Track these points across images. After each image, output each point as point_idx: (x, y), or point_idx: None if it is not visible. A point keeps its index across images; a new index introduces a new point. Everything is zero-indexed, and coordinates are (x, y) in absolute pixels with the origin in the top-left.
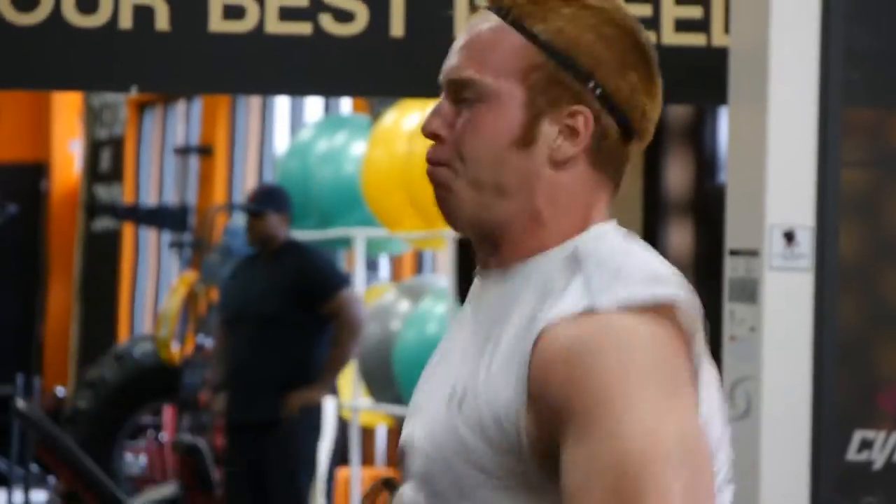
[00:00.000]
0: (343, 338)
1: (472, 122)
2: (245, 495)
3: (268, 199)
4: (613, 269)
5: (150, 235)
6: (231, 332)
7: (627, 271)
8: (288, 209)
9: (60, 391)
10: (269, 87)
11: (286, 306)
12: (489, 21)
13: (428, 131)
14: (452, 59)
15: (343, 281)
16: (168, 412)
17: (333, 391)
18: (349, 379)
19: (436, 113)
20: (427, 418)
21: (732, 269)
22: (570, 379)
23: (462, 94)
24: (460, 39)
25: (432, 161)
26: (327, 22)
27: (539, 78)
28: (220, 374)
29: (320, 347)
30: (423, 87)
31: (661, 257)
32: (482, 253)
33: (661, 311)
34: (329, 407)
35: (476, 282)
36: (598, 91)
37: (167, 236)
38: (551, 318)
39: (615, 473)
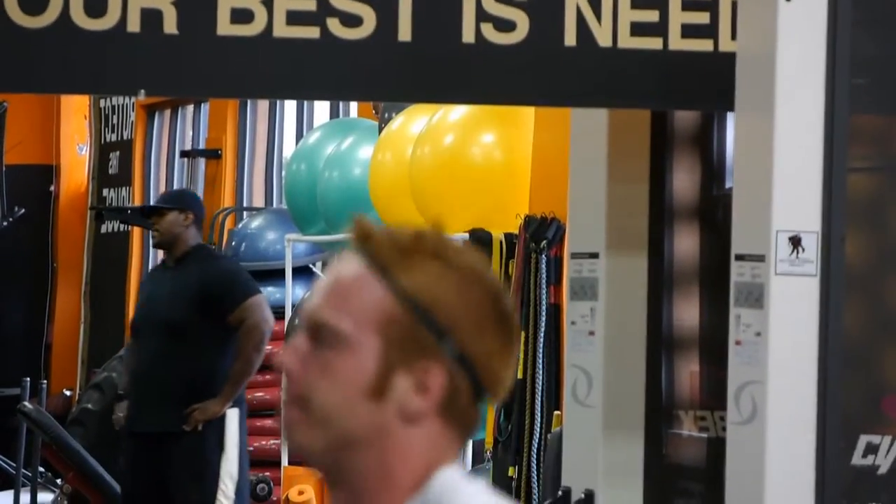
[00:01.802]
0: (245, 348)
1: (325, 365)
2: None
3: (172, 198)
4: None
5: None
6: (138, 339)
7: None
8: (196, 212)
9: (68, 393)
10: (276, 91)
11: (191, 314)
12: (354, 266)
13: (281, 366)
14: (314, 299)
15: (251, 289)
16: None
17: (238, 402)
18: None
19: (292, 348)
20: None
21: (739, 273)
22: None
23: (318, 334)
24: (325, 278)
25: (288, 397)
26: (335, 26)
27: (396, 331)
28: (125, 382)
29: (228, 358)
30: (430, 91)
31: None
32: (334, 495)
33: None
34: (233, 419)
35: None
36: (453, 351)
37: None
38: None
39: None
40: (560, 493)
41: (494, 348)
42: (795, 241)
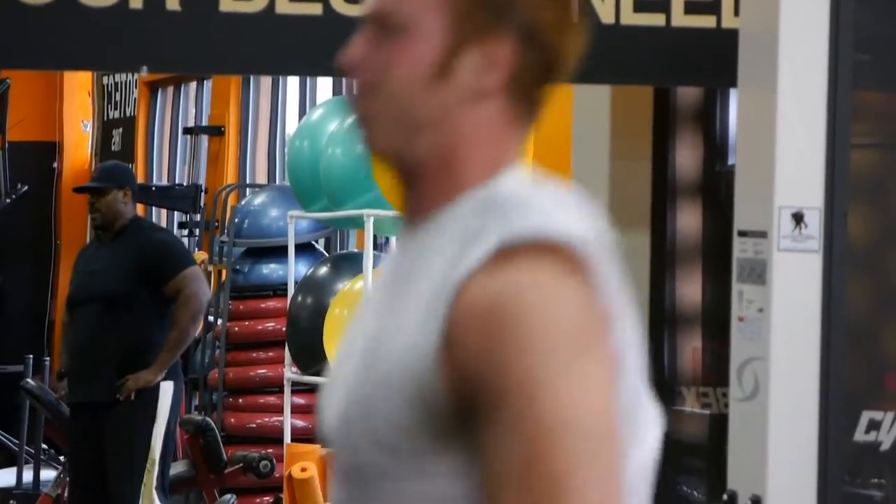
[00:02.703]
0: (181, 318)
1: (392, 51)
2: (87, 476)
3: (110, 176)
4: (526, 206)
5: (160, 215)
6: (75, 313)
7: (539, 207)
8: (131, 185)
9: None
10: (279, 68)
11: (129, 286)
12: None
13: (346, 61)
14: None
15: (187, 260)
16: None
17: (173, 375)
18: None
19: (356, 44)
20: (340, 392)
21: (741, 250)
22: (483, 351)
23: (382, 24)
24: None
25: (355, 91)
26: (337, 2)
27: (459, 8)
28: (65, 357)
29: (164, 329)
30: None
31: (578, 200)
32: (404, 199)
33: (570, 253)
34: (166, 390)
35: (398, 237)
36: (519, 24)
37: (178, 216)
38: (464, 273)
39: (527, 465)
40: None
41: (559, 20)
42: (798, 218)
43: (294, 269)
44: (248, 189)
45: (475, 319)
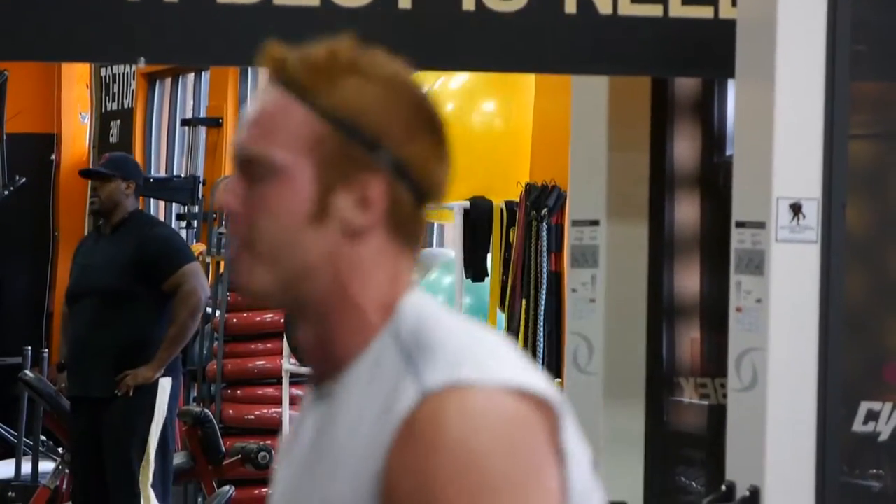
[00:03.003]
0: (180, 314)
1: (263, 199)
2: (87, 469)
3: (116, 165)
4: (442, 350)
5: (158, 207)
6: (74, 307)
7: (458, 348)
8: (137, 181)
9: None
10: None
11: (126, 281)
12: (274, 93)
13: (221, 207)
14: (241, 134)
15: (186, 256)
16: None
17: (171, 371)
18: None
19: (229, 189)
20: None
21: (739, 240)
22: (412, 496)
23: (252, 170)
24: (250, 112)
25: (233, 242)
26: None
27: (327, 150)
28: (64, 350)
29: (163, 325)
30: (431, 58)
31: (481, 328)
32: (310, 350)
33: (513, 392)
34: (164, 387)
35: (309, 397)
36: (388, 159)
37: (175, 208)
38: (390, 426)
39: None
40: None
41: (428, 151)
42: (796, 208)
43: None
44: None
45: (404, 468)
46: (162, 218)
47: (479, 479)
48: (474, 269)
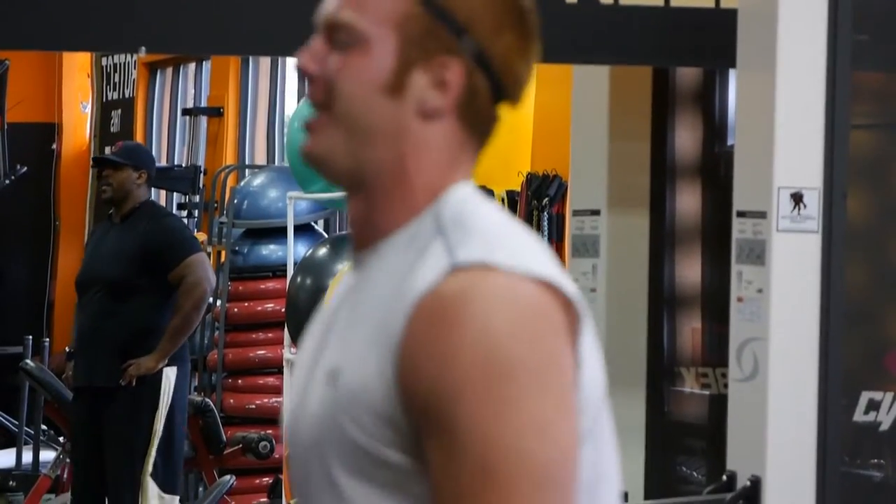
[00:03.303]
0: (184, 305)
1: (343, 63)
2: (88, 459)
3: (129, 154)
4: (480, 233)
5: (159, 196)
6: (82, 296)
7: (495, 235)
8: (150, 171)
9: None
10: (279, 48)
11: (132, 271)
12: None
13: (301, 69)
14: (330, 1)
15: (192, 247)
16: None
17: (177, 360)
18: None
19: (308, 50)
20: (306, 410)
21: (740, 230)
22: (434, 382)
23: (336, 35)
24: None
25: (310, 103)
26: None
27: (414, 27)
28: (73, 339)
29: (168, 315)
30: None
31: (524, 228)
32: (354, 219)
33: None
34: (169, 377)
35: (351, 257)
36: (471, 47)
37: (177, 197)
38: (414, 296)
39: (474, 497)
40: None
41: (513, 46)
42: (797, 198)
43: (293, 250)
44: (247, 170)
45: (425, 333)
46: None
47: (497, 361)
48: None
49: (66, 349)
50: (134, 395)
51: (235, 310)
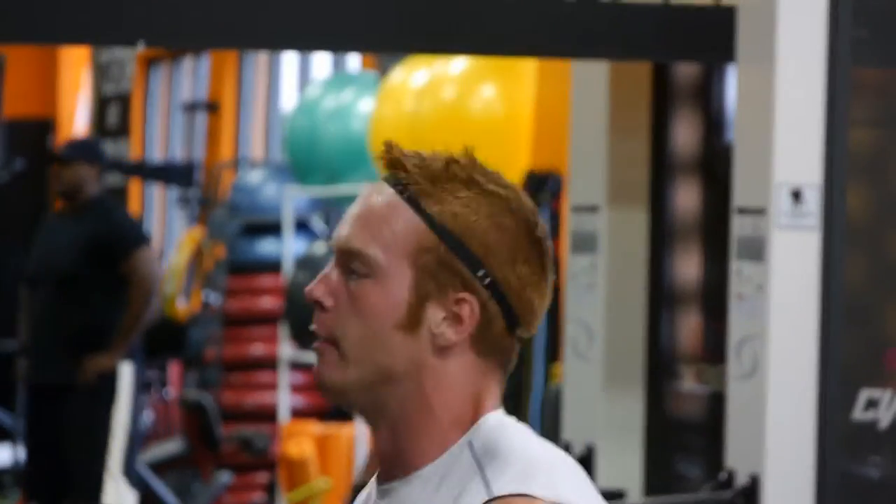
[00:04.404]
0: (135, 299)
1: (358, 296)
2: (46, 460)
3: (81, 149)
4: (516, 464)
5: (156, 191)
6: (33, 291)
7: (530, 465)
8: (101, 163)
9: None
10: (276, 44)
11: (84, 265)
12: (385, 194)
13: (312, 298)
14: (344, 228)
15: (141, 239)
16: (174, 368)
17: (131, 355)
18: None
19: (323, 280)
20: None
21: (740, 227)
22: None
23: (351, 265)
24: (355, 208)
25: (317, 332)
26: None
27: (429, 260)
28: (23, 336)
29: (120, 309)
30: (430, 42)
31: (559, 452)
32: (381, 450)
33: None
34: (126, 372)
35: (372, 494)
36: (486, 280)
37: (174, 192)
38: None
39: None
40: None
41: (528, 277)
42: (796, 194)
43: (291, 246)
44: (245, 165)
45: None
46: (161, 202)
47: None
48: None
49: (19, 347)
50: (92, 393)
51: (233, 305)
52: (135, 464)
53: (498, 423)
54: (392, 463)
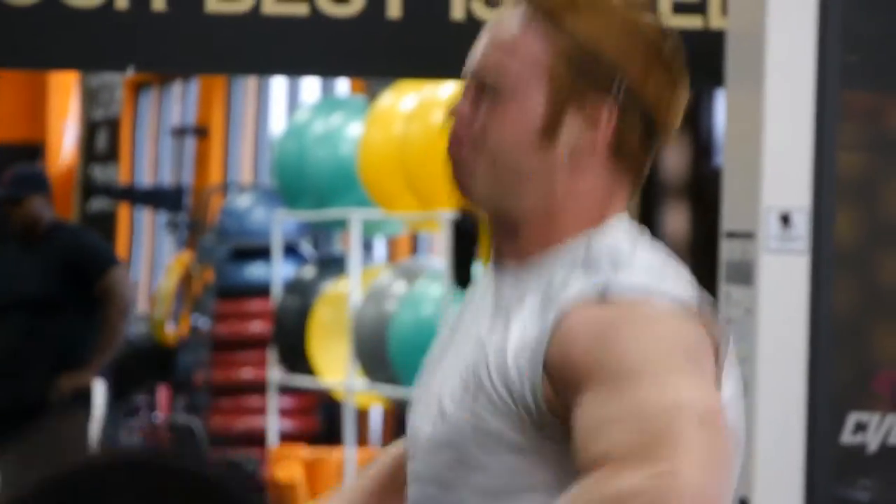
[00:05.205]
0: (111, 318)
1: (496, 111)
2: (18, 481)
3: (27, 183)
4: (628, 264)
5: (145, 216)
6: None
7: (642, 267)
8: (48, 190)
9: None
10: (265, 68)
11: (58, 288)
12: (519, 11)
13: (454, 111)
14: (481, 47)
15: (113, 258)
16: (162, 392)
17: (103, 374)
18: (344, 359)
19: (464, 97)
20: (436, 411)
21: (728, 251)
22: (592, 351)
23: (488, 82)
24: (486, 33)
25: (455, 138)
26: (324, 3)
27: (565, 70)
28: None
29: (94, 329)
30: (419, 68)
31: (673, 259)
32: (498, 242)
33: (681, 305)
34: (98, 391)
35: (489, 273)
36: (623, 87)
37: (163, 217)
38: (568, 301)
39: (637, 418)
40: None
41: (662, 89)
42: (785, 218)
43: (280, 270)
44: (233, 189)
45: (582, 327)
46: (149, 226)
47: (658, 343)
48: (462, 277)
49: None
50: (68, 411)
51: (221, 330)
52: None
53: (620, 233)
54: (512, 253)
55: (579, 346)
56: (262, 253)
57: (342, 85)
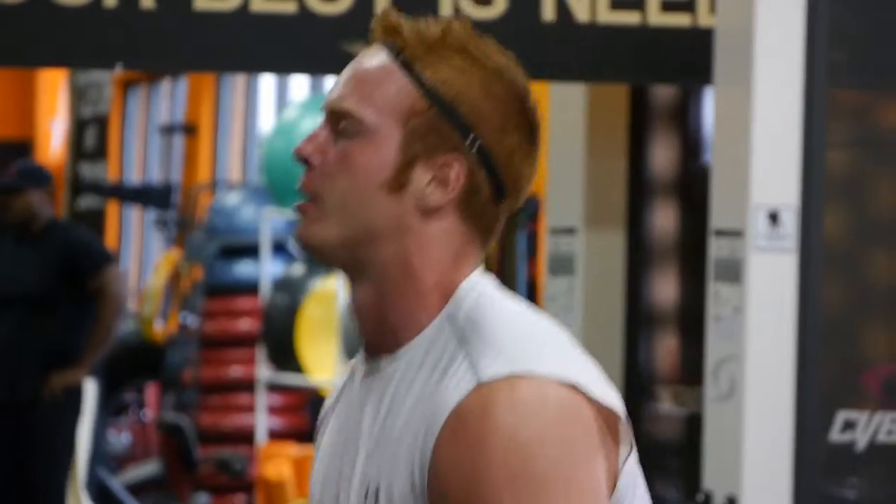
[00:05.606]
0: (104, 316)
1: (346, 155)
2: (6, 477)
3: (28, 176)
4: (499, 339)
5: (134, 214)
6: None
7: (515, 339)
8: (49, 186)
9: None
10: (254, 66)
11: (53, 285)
12: (379, 57)
13: (300, 155)
14: (336, 89)
15: (107, 257)
16: (151, 390)
17: (95, 372)
18: (333, 357)
19: (311, 139)
20: None
21: (717, 249)
22: (461, 486)
23: (341, 125)
24: (348, 70)
25: (302, 191)
26: (312, 1)
27: (419, 123)
28: None
29: (87, 326)
30: None
31: (536, 312)
32: (362, 305)
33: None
34: (89, 388)
35: (358, 368)
36: (475, 146)
37: (151, 215)
38: (442, 413)
39: None
40: None
41: (517, 146)
42: (773, 216)
43: (269, 268)
44: (222, 187)
45: (456, 459)
46: (138, 224)
47: (528, 471)
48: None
49: None
50: (57, 408)
51: (210, 327)
52: (97, 479)
53: (479, 290)
54: (376, 333)
55: (453, 490)
56: (251, 251)
57: (330, 83)
